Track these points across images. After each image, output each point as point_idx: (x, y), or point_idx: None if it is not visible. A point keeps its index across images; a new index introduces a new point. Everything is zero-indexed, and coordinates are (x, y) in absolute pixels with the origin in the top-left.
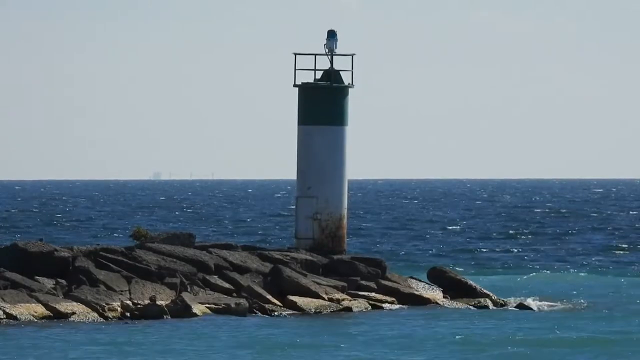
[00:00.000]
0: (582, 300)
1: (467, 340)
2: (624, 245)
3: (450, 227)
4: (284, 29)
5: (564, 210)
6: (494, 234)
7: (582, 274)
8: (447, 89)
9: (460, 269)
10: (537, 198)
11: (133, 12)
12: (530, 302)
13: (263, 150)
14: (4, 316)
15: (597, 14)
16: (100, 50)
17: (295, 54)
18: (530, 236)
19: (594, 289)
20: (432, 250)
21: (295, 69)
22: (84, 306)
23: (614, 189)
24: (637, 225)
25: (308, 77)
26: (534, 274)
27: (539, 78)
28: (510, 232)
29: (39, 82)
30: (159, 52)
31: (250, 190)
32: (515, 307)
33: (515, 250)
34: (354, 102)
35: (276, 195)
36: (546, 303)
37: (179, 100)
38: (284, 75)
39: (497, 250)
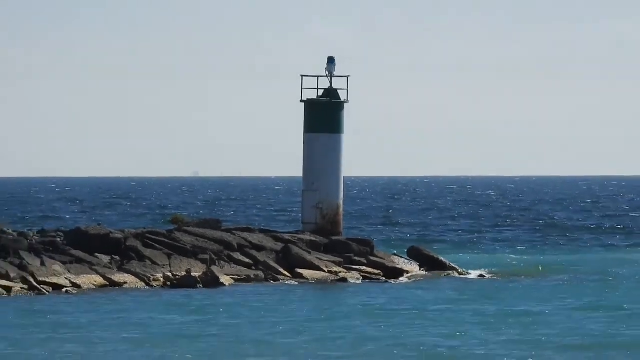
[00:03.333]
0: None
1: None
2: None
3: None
4: (294, 55)
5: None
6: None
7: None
8: (430, 104)
9: (436, 248)
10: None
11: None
12: (484, 272)
13: (277, 152)
14: (70, 285)
15: None
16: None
17: (302, 76)
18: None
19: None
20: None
21: (302, 88)
22: (133, 277)
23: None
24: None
25: (312, 94)
26: (498, 254)
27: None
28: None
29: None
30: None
31: (278, 188)
32: (476, 277)
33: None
34: (348, 114)
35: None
36: (492, 273)
37: (209, 109)
38: (293, 92)
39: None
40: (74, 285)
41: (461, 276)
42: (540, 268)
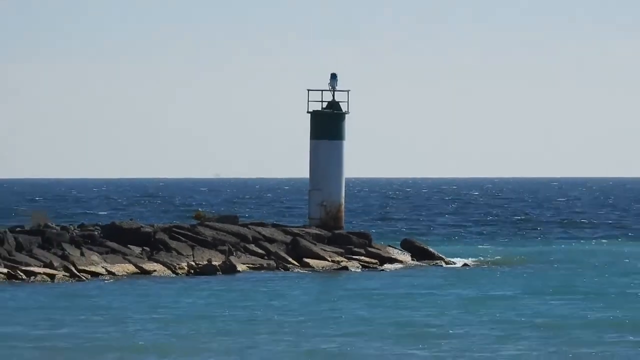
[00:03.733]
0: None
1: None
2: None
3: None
4: (302, 71)
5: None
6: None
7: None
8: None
9: (426, 240)
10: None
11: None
12: (467, 262)
13: (286, 156)
14: (106, 273)
15: None
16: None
17: (309, 90)
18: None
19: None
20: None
21: (308, 101)
22: (161, 266)
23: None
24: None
25: (317, 106)
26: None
27: None
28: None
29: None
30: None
31: (287, 188)
32: (460, 265)
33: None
34: (349, 123)
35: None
36: (474, 262)
37: (231, 119)
38: (301, 103)
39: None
40: (109, 273)
41: (447, 265)
42: (516, 258)
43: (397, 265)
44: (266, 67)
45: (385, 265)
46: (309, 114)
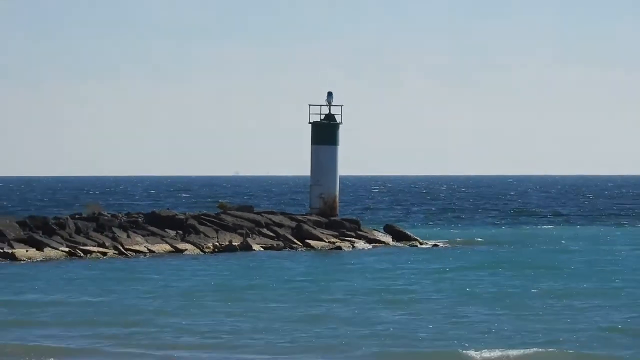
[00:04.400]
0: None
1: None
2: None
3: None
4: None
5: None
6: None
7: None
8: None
9: (403, 224)
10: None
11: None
12: (437, 242)
13: (292, 157)
14: (147, 251)
15: None
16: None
17: (310, 105)
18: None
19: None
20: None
21: (309, 113)
22: (192, 246)
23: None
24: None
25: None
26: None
27: None
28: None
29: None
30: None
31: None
32: (431, 245)
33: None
34: (342, 131)
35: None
36: (443, 243)
37: (251, 123)
38: (304, 115)
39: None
40: (150, 251)
41: (421, 245)
42: (476, 240)
43: (378, 245)
44: (276, 85)
45: (365, 244)
46: (310, 124)
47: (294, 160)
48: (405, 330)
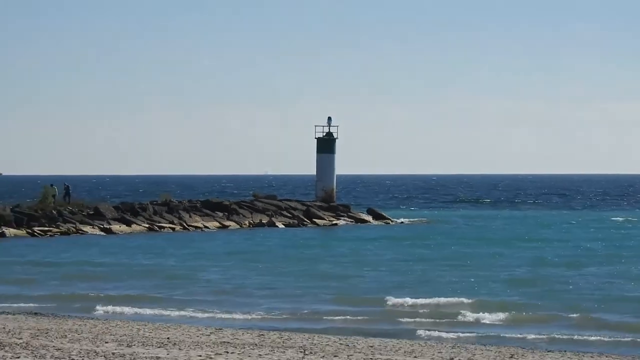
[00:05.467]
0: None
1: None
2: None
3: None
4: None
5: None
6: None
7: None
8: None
9: (380, 206)
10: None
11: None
12: (404, 220)
13: (303, 161)
14: (203, 227)
15: None
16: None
17: (315, 125)
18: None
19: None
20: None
21: (315, 131)
22: (234, 223)
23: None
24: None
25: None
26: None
27: None
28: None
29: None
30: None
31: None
32: (399, 222)
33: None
34: (338, 144)
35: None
36: (408, 221)
37: (284, 129)
38: (311, 133)
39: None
40: (205, 227)
41: (392, 223)
42: (433, 220)
43: (362, 222)
44: (289, 114)
45: (352, 222)
46: (316, 139)
47: (305, 163)
48: (351, 282)
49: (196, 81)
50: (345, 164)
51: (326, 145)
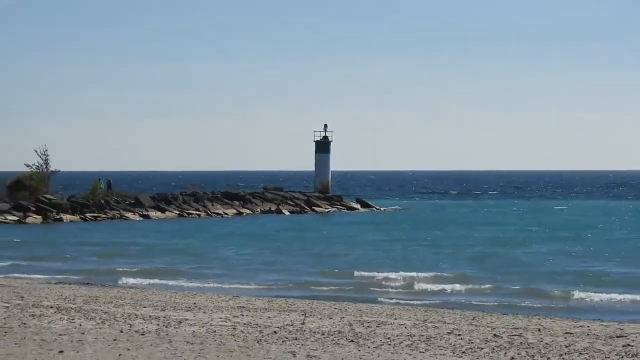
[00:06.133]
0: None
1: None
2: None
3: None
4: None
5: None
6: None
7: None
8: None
9: (367, 196)
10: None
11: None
12: (387, 209)
13: (304, 159)
14: (223, 213)
15: None
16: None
17: (314, 131)
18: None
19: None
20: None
21: (314, 135)
22: (248, 210)
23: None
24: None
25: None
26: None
27: None
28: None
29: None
30: None
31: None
32: (382, 210)
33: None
34: (333, 146)
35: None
36: (391, 209)
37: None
38: (310, 137)
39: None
40: (225, 213)
41: (377, 210)
42: (410, 207)
43: (350, 210)
44: (295, 122)
45: (341, 209)
46: (314, 142)
47: (306, 161)
48: (341, 258)
49: (228, 93)
50: (338, 162)
51: (323, 147)
